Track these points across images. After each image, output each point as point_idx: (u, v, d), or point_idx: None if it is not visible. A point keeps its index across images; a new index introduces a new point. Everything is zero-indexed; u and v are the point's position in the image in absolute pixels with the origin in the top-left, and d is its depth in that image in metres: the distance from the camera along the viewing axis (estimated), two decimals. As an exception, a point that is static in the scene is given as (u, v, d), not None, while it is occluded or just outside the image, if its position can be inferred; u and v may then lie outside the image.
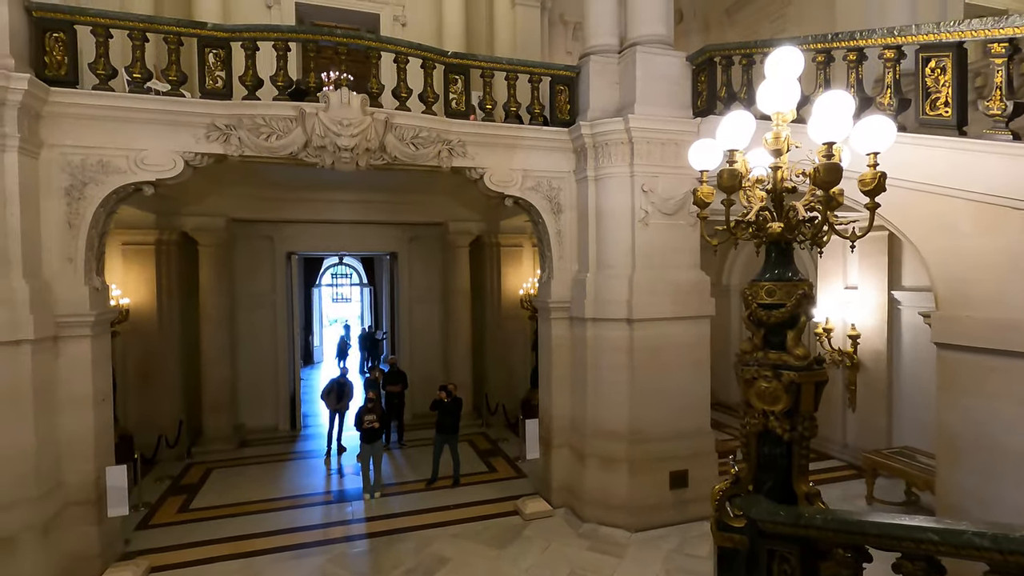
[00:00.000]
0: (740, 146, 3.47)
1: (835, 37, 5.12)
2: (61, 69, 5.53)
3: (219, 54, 5.94)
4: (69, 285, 5.52)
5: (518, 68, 7.15)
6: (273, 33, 6.08)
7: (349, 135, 5.97)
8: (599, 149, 6.81)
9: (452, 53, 6.96)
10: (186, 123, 5.79)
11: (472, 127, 6.81)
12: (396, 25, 10.96)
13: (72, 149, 5.50)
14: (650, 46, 6.76)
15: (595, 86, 6.96)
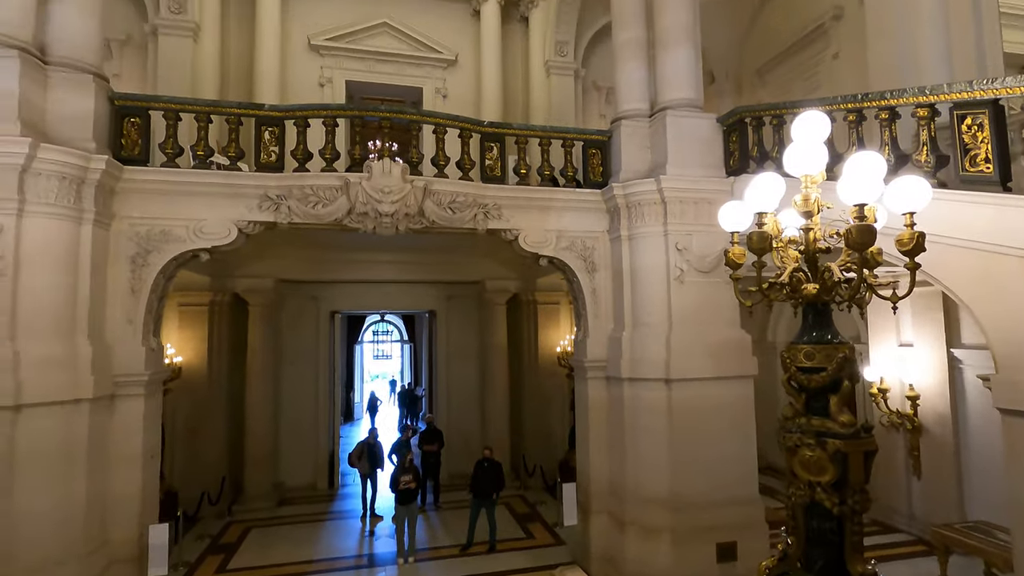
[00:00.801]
0: (768, 208, 3.47)
1: (865, 97, 5.14)
2: (135, 149, 6.10)
3: (274, 131, 6.44)
4: (128, 346, 5.86)
5: (551, 134, 7.45)
6: (323, 111, 6.58)
7: (390, 202, 6.28)
8: (632, 209, 6.90)
9: (488, 123, 7.33)
10: (241, 194, 6.24)
11: (507, 191, 7.05)
12: (438, 96, 11.64)
13: (139, 220, 5.99)
14: (680, 109, 6.94)
15: (627, 149, 7.13)
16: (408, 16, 11.41)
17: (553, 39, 11.42)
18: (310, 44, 11.02)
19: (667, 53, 7.04)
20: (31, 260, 5.11)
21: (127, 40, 10.03)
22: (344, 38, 11.16)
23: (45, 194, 5.19)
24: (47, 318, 5.20)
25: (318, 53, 11.11)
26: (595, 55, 12.16)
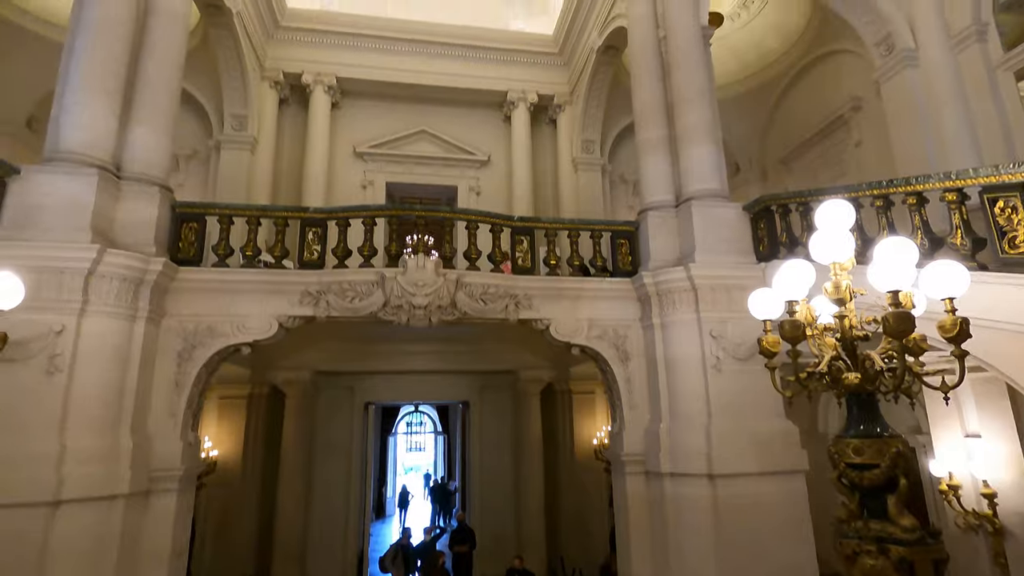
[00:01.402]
0: (798, 296, 3.43)
1: (891, 183, 5.18)
2: (190, 251, 6.57)
3: (317, 231, 6.86)
4: (167, 440, 5.96)
5: (579, 226, 7.68)
6: (363, 212, 7.02)
7: (423, 295, 6.47)
8: (663, 297, 6.89)
9: (518, 218, 7.64)
10: (284, 291, 6.55)
11: (537, 281, 7.19)
12: (471, 193, 12.28)
13: (188, 317, 6.31)
14: (705, 199, 7.10)
15: (655, 238, 7.26)
16: (445, 123, 12.35)
17: (580, 138, 12.09)
18: (355, 151, 11.96)
19: (689, 149, 7.34)
20: (86, 357, 5.38)
21: (193, 154, 11.11)
22: (386, 145, 12.10)
23: (106, 295, 5.57)
24: (95, 412, 5.39)
25: (362, 159, 12.03)
26: (620, 150, 12.75)
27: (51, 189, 5.60)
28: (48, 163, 5.81)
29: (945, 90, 7.86)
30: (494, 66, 12.31)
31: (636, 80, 8.10)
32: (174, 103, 6.82)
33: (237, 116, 10.75)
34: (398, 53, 11.91)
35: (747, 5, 11.20)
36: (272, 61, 11.37)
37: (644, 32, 8.07)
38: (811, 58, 11.38)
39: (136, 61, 6.43)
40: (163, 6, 6.72)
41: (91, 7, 6.15)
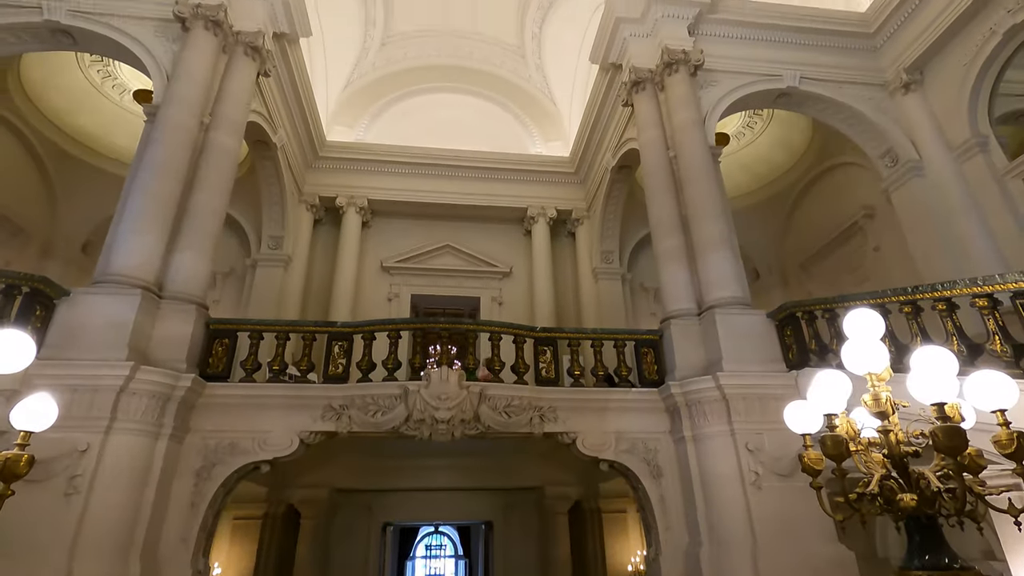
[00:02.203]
0: (837, 409, 3.29)
1: (916, 289, 5.14)
2: (219, 366, 6.69)
3: (343, 345, 6.97)
4: (176, 567, 5.66)
5: (603, 336, 7.66)
6: (388, 325, 7.15)
7: (446, 408, 6.37)
8: (692, 408, 6.67)
9: (541, 328, 7.69)
10: (307, 405, 6.53)
11: (562, 393, 7.05)
12: (494, 304, 12.50)
13: (210, 433, 6.27)
14: (728, 307, 7.10)
15: (679, 347, 7.18)
16: (468, 238, 12.92)
17: (599, 249, 12.45)
18: (382, 266, 12.48)
19: (707, 258, 7.49)
20: (106, 478, 5.31)
21: (230, 272, 11.70)
22: (411, 259, 12.61)
23: (134, 412, 5.62)
24: (107, 536, 5.20)
25: (388, 273, 12.50)
26: (639, 259, 13.03)
27: (95, 309, 5.90)
28: (96, 285, 6.18)
29: (956, 199, 8.03)
30: (514, 185, 13.09)
31: (651, 196, 8.49)
32: (218, 228, 7.34)
33: (274, 237, 11.44)
34: (425, 176, 12.81)
35: (751, 125, 11.96)
36: (310, 187, 12.30)
37: (655, 154, 8.59)
38: (819, 170, 11.88)
39: (188, 193, 7.03)
40: (218, 145, 7.47)
41: (154, 148, 6.88)
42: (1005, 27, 7.56)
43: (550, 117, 14.06)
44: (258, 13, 8.47)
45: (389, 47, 13.03)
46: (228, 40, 8.09)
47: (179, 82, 7.37)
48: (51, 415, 3.14)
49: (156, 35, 7.97)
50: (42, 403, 3.10)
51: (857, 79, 9.45)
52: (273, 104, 9.89)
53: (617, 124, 10.68)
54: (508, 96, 13.99)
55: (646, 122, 8.89)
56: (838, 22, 9.59)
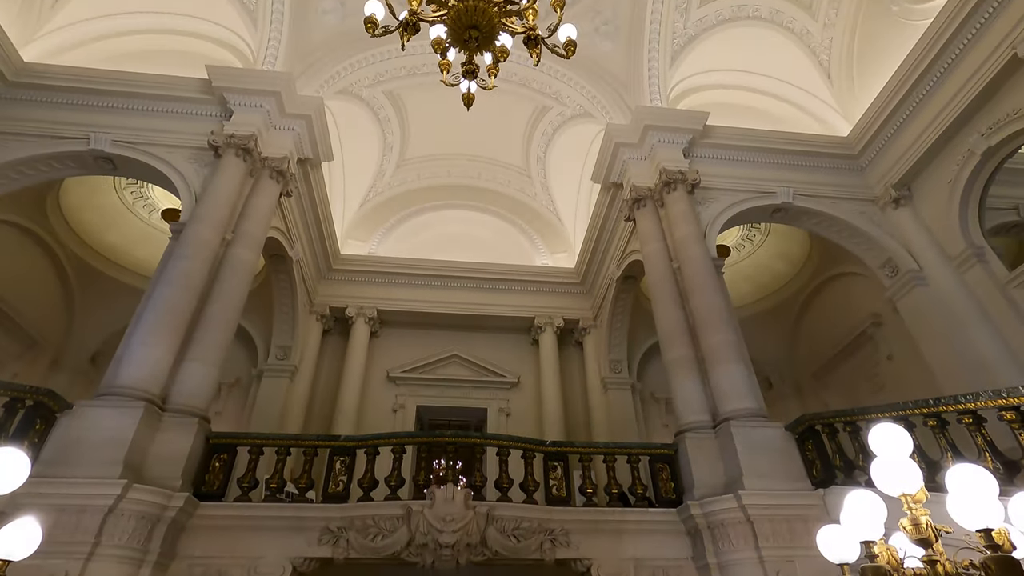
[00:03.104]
0: (875, 536, 3.05)
1: (939, 401, 4.99)
2: (215, 484, 6.39)
3: (345, 460, 6.70)
4: None
5: (615, 450, 7.35)
6: (393, 440, 6.92)
7: (451, 531, 5.96)
8: (715, 531, 6.21)
9: (550, 442, 7.41)
10: (304, 527, 6.13)
11: (574, 514, 6.63)
12: (501, 415, 12.16)
13: (198, 560, 5.83)
14: (743, 419, 6.87)
15: (696, 462, 6.85)
16: (475, 347, 12.89)
17: (607, 359, 12.33)
18: (388, 376, 12.35)
19: (718, 368, 7.39)
20: (79, 612, 4.88)
21: (235, 382, 11.59)
22: (418, 369, 12.50)
23: (120, 535, 5.29)
24: None
25: (394, 383, 12.34)
26: (648, 368, 12.86)
27: (95, 423, 5.78)
28: (100, 397, 6.11)
29: (963, 307, 8.05)
30: (521, 295, 13.31)
31: (657, 306, 8.59)
32: (228, 339, 7.40)
33: (282, 347, 11.47)
34: (434, 287, 13.10)
35: (750, 237, 12.39)
36: (321, 298, 12.56)
37: (659, 265, 8.82)
38: (822, 279, 12.09)
39: (203, 304, 7.19)
40: (237, 260, 7.77)
41: (176, 263, 7.16)
42: (981, 149, 8.05)
43: (555, 231, 14.65)
44: (286, 141, 9.21)
45: (404, 169, 13.96)
46: (256, 165, 8.71)
47: (207, 202, 7.84)
48: (33, 542, 2.96)
49: (189, 161, 8.61)
50: (25, 530, 2.93)
51: (848, 195, 9.91)
52: (292, 221, 10.41)
53: (620, 237, 11.09)
54: (515, 212, 14.70)
55: (648, 236, 9.23)
56: (822, 145, 10.27)
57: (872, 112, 9.66)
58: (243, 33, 10.03)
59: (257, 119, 8.91)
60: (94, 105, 8.86)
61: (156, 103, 9.01)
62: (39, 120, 8.60)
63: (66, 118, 8.67)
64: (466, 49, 4.95)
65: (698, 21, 10.45)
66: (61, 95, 8.84)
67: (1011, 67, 7.42)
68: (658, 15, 10.16)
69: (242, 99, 8.99)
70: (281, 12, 9.65)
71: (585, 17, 10.31)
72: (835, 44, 10.33)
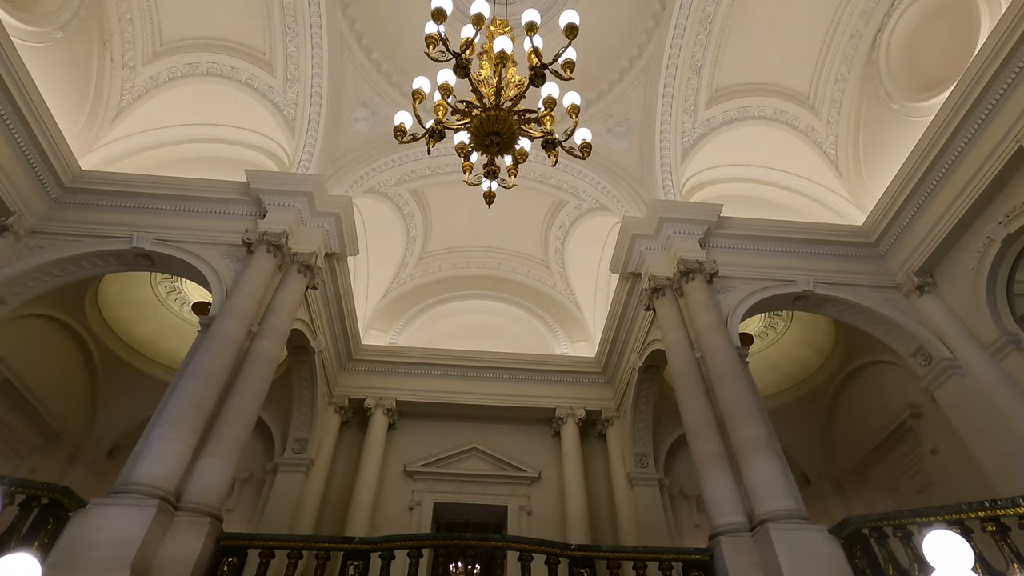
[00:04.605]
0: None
1: (994, 504, 4.63)
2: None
3: (359, 565, 6.33)
4: None
5: (645, 556, 6.84)
6: (409, 542, 6.55)
7: (470, 649, 5.48)
8: (762, 653, 5.60)
9: (575, 546, 6.96)
10: (312, 642, 5.70)
11: (604, 629, 6.07)
12: (522, 514, 11.56)
13: None
14: (782, 522, 6.41)
15: (735, 570, 6.32)
16: (495, 440, 12.53)
17: (631, 452, 11.84)
18: (405, 470, 11.96)
19: (750, 464, 7.02)
20: None
21: (249, 478, 11.32)
22: (436, 463, 12.11)
23: (118, 650, 4.97)
24: None
25: (411, 478, 11.93)
26: (676, 462, 12.27)
27: (106, 523, 5.62)
28: (113, 495, 5.99)
29: (1005, 399, 7.68)
30: (541, 385, 13.10)
31: (682, 398, 8.35)
32: (247, 434, 7.33)
33: (299, 440, 11.29)
34: (453, 378, 13.00)
35: (772, 325, 12.24)
36: (341, 388, 12.52)
37: (681, 355, 8.69)
38: (851, 368, 11.74)
39: (225, 398, 7.21)
40: (261, 352, 7.89)
41: (202, 356, 7.28)
42: (1001, 236, 8.03)
43: (574, 320, 14.68)
44: (315, 237, 9.64)
45: (426, 261, 14.38)
46: (285, 259, 9.07)
47: (236, 296, 8.10)
48: (33, 661, 2.79)
49: (223, 256, 9.01)
50: (28, 645, 2.78)
51: (869, 282, 9.84)
52: (316, 312, 10.64)
53: (641, 326, 11.05)
54: (534, 301, 14.85)
55: (669, 325, 9.18)
56: (839, 234, 10.36)
57: (884, 203, 9.81)
58: (281, 140, 10.85)
59: (289, 217, 9.40)
60: (138, 207, 9.47)
61: (196, 204, 9.61)
62: (88, 221, 9.19)
63: (112, 219, 9.25)
64: (488, 152, 5.28)
65: (706, 122, 11.04)
66: (109, 198, 9.49)
67: (1018, 159, 7.57)
68: (667, 117, 10.76)
69: (276, 199, 9.55)
70: (317, 122, 10.48)
71: (599, 120, 10.99)
72: (840, 140, 10.75)
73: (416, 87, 5.17)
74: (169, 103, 10.48)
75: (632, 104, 10.96)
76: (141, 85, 10.28)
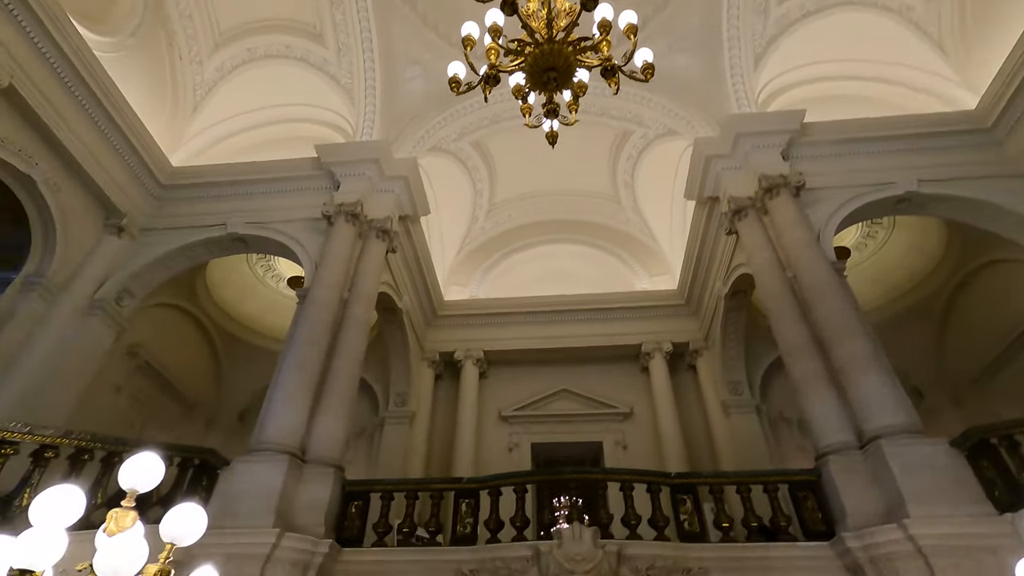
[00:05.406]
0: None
1: None
2: (353, 530, 6.76)
3: (469, 503, 6.83)
4: None
5: (748, 480, 6.84)
6: (514, 479, 6.96)
7: (582, 571, 5.81)
8: (881, 566, 5.50)
9: (675, 474, 7.07)
10: (437, 571, 6.28)
11: (711, 550, 6.21)
12: (618, 448, 11.82)
13: (345, 605, 6.15)
14: (896, 437, 6.13)
15: (845, 489, 6.17)
16: (584, 380, 12.74)
17: (724, 380, 11.63)
18: (500, 415, 12.51)
19: (856, 380, 6.70)
20: (249, 655, 5.30)
21: (360, 432, 12.32)
22: (528, 407, 12.56)
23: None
24: None
25: (507, 422, 12.47)
26: (773, 386, 11.92)
27: (249, 478, 6.38)
28: (251, 453, 6.75)
29: None
30: (625, 323, 13.03)
31: (775, 321, 8.01)
32: (353, 392, 7.94)
33: (400, 394, 12.07)
34: (536, 324, 13.22)
35: (871, 235, 11.31)
36: (430, 344, 13.13)
37: (771, 277, 8.28)
38: (968, 270, 10.70)
39: (329, 362, 7.80)
40: (354, 317, 8.40)
41: (303, 325, 7.87)
42: None
43: (652, 253, 14.31)
44: (387, 203, 9.94)
45: (495, 212, 14.44)
46: (363, 227, 9.46)
47: (325, 267, 8.61)
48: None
49: (307, 231, 9.55)
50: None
51: (986, 173, 8.74)
52: (399, 274, 11.10)
53: (724, 252, 10.59)
54: (608, 239, 14.58)
55: (754, 247, 8.73)
56: (946, 123, 9.21)
57: (1001, 80, 8.55)
58: (343, 111, 11.10)
59: (361, 186, 9.73)
60: (227, 195, 10.16)
61: (276, 184, 10.16)
62: (187, 213, 10.01)
63: (207, 209, 10.01)
64: (545, 90, 5.12)
65: (779, 19, 10.00)
66: (201, 190, 10.24)
67: None
68: (735, 20, 9.86)
69: (347, 169, 9.88)
70: (374, 87, 10.58)
71: (658, 37, 10.24)
72: (943, 14, 9.39)
73: (465, 34, 5.03)
74: (237, 91, 10.97)
75: (693, 13, 10.10)
76: (209, 78, 10.80)
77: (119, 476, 2.74)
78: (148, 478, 2.77)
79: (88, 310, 8.79)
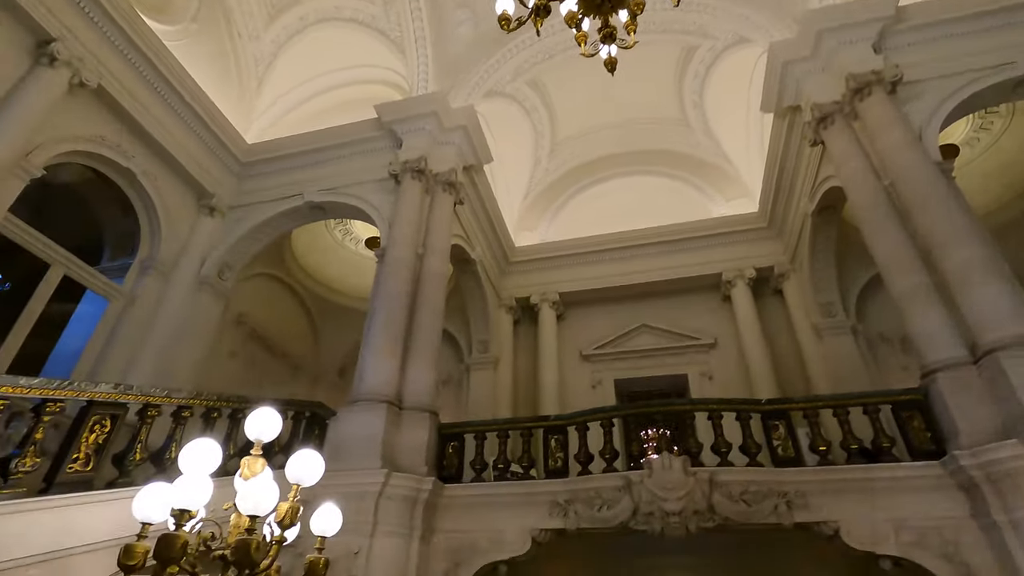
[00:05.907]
0: None
1: None
2: (452, 468, 7.26)
3: (559, 438, 7.09)
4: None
5: (846, 402, 6.57)
6: (600, 415, 7.10)
7: (675, 499, 5.94)
8: (1000, 484, 5.19)
9: (766, 401, 6.91)
10: (533, 502, 6.65)
11: (808, 474, 6.10)
12: (703, 379, 11.69)
13: (451, 533, 6.70)
14: (1016, 348, 5.61)
15: (957, 405, 5.79)
16: (663, 314, 12.55)
17: (815, 302, 11.01)
18: (581, 355, 12.67)
19: (969, 290, 6.14)
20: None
21: (448, 379, 12.95)
22: (608, 345, 12.61)
23: (388, 516, 6.30)
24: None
25: (588, 361, 12.62)
26: (870, 305, 11.15)
27: (354, 425, 6.95)
28: (353, 404, 7.32)
29: None
30: (703, 252, 12.56)
31: (871, 234, 7.40)
32: (437, 342, 8.31)
33: (482, 341, 12.49)
34: (610, 261, 13.04)
35: (985, 127, 10.02)
36: (506, 290, 13.36)
37: (865, 186, 7.59)
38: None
39: (412, 315, 8.17)
40: (431, 271, 8.69)
41: (385, 282, 8.25)
42: None
43: (727, 177, 13.50)
44: (449, 155, 9.97)
45: (558, 151, 14.11)
46: (429, 183, 9.59)
47: (398, 225, 8.87)
48: (338, 522, 3.69)
49: (377, 192, 9.82)
50: (331, 512, 3.67)
51: None
52: (469, 225, 11.25)
53: (808, 166, 9.80)
54: (679, 166, 13.90)
55: (844, 156, 8.00)
56: (1081, -20, 7.80)
57: None
58: (397, 67, 11.07)
59: (422, 141, 9.79)
60: (300, 165, 10.60)
61: (344, 149, 10.45)
62: (267, 187, 10.58)
63: (284, 180, 10.52)
64: (600, 13, 4.81)
65: None
66: (277, 163, 10.75)
67: None
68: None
69: (407, 126, 9.95)
70: (424, 37, 10.45)
71: (721, -66, 9.27)
72: None
73: (510, -35, 4.81)
74: (295, 62, 11.22)
75: (761, -101, 9.00)
76: (268, 52, 11.09)
77: (245, 429, 3.10)
78: (270, 429, 3.10)
79: (197, 286, 9.68)
